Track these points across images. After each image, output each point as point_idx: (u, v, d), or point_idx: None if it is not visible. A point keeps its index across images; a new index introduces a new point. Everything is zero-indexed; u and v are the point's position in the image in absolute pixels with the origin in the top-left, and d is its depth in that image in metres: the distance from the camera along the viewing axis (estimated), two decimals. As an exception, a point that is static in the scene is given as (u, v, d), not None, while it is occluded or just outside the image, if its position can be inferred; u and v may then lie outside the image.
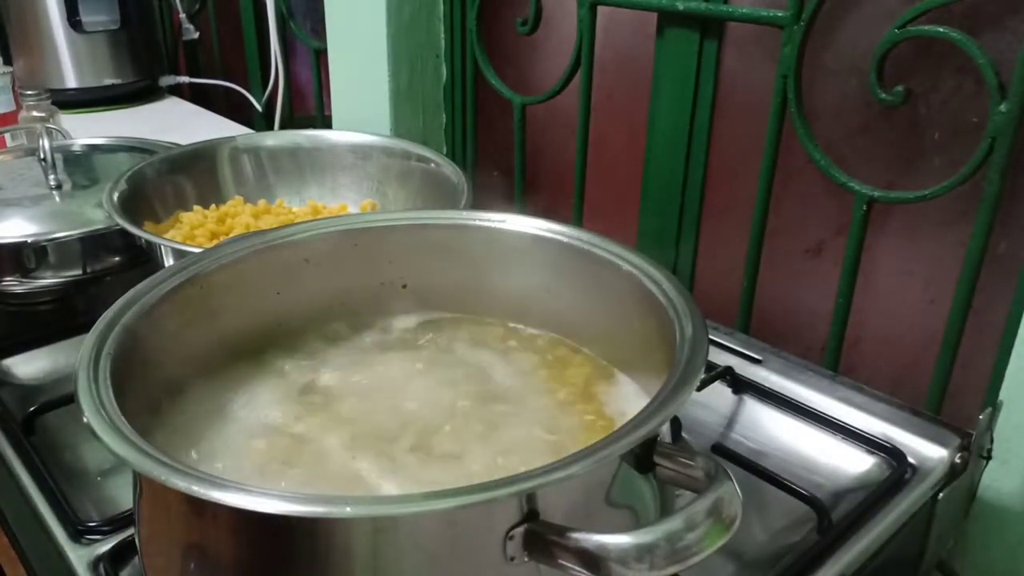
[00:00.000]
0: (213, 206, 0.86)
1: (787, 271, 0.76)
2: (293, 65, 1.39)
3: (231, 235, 0.74)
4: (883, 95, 0.63)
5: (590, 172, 0.89)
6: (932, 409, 0.66)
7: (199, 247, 0.67)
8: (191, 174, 0.88)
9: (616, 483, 0.37)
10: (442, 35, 1.02)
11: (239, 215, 0.83)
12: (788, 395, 0.63)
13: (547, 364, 0.55)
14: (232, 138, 0.92)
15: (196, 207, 0.85)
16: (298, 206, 0.90)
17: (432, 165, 0.86)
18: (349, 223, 0.57)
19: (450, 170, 0.83)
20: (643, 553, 0.32)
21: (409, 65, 1.01)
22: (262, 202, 0.88)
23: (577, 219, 0.91)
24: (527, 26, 0.89)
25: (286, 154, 0.93)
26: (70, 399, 0.39)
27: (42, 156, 0.85)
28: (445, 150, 1.08)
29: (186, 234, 0.79)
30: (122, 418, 0.37)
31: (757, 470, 0.55)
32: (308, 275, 0.56)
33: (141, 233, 0.69)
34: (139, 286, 0.48)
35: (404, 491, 0.42)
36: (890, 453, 0.58)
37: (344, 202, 0.91)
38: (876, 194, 0.65)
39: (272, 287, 0.55)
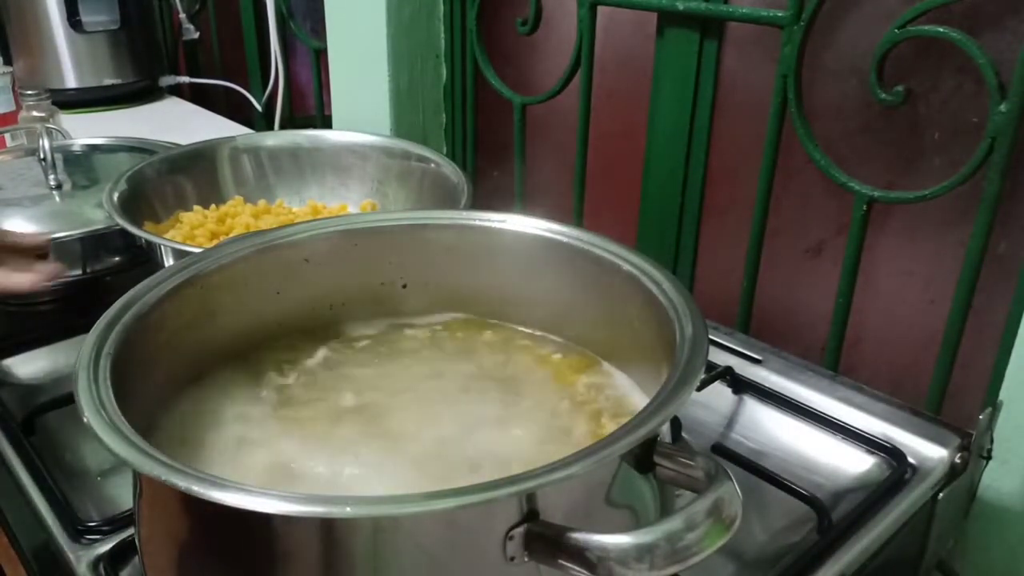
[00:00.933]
0: (213, 206, 0.86)
1: (787, 271, 0.76)
2: (293, 65, 1.39)
3: (231, 235, 0.74)
4: (883, 95, 0.63)
5: (590, 172, 0.89)
6: (932, 409, 0.66)
7: (199, 247, 0.67)
8: (191, 174, 0.88)
9: (616, 483, 0.37)
10: (442, 35, 1.02)
11: (239, 215, 0.83)
12: (788, 395, 0.63)
13: (547, 364, 0.55)
14: (232, 138, 0.92)
15: (196, 207, 0.85)
16: (298, 206, 0.90)
17: (432, 165, 0.86)
18: (349, 223, 0.57)
19: (450, 170, 0.83)
20: (643, 553, 0.32)
21: (409, 65, 1.01)
22: (262, 202, 0.88)
23: (577, 219, 0.91)
24: (527, 26, 0.89)
25: (286, 154, 0.93)
26: (70, 399, 0.39)
27: (42, 156, 0.85)
28: (445, 150, 1.08)
29: (186, 234, 0.79)
30: (122, 418, 0.37)
31: (757, 470, 0.55)
32: (308, 275, 0.56)
33: (141, 233, 0.69)
34: (139, 286, 0.48)
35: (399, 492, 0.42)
36: (890, 453, 0.58)
37: (344, 202, 0.91)
38: (876, 194, 0.65)
39: (272, 287, 0.55)
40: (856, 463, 0.58)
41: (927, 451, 0.58)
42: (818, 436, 0.60)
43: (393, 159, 0.91)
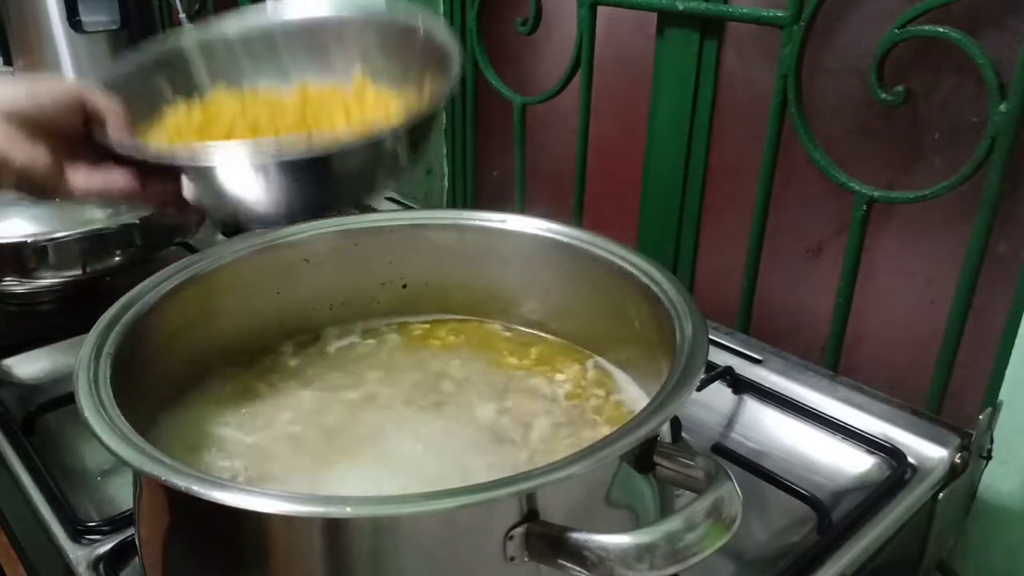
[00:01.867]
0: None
1: (787, 271, 0.76)
2: (293, 65, 1.39)
3: (222, 135, 0.60)
4: (883, 95, 0.63)
5: (590, 172, 0.89)
6: (932, 409, 0.66)
7: (189, 147, 0.57)
8: (166, 76, 0.70)
9: (616, 483, 0.37)
10: (442, 35, 1.01)
11: (224, 113, 0.65)
12: (788, 395, 0.63)
13: (547, 365, 0.55)
14: (198, 28, 0.79)
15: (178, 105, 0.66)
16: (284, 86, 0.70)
17: (420, 31, 0.74)
18: (348, 223, 0.57)
19: (442, 35, 0.70)
20: (643, 553, 0.32)
21: (409, 65, 1.01)
22: (247, 88, 0.71)
23: (577, 219, 0.91)
24: (527, 26, 0.89)
25: (259, 39, 0.81)
26: (70, 399, 0.39)
27: (42, 156, 0.85)
28: (445, 150, 1.08)
29: (171, 134, 0.62)
30: (122, 418, 0.37)
31: (757, 470, 0.55)
32: (308, 275, 0.56)
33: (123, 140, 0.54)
34: (139, 286, 0.48)
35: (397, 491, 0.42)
36: (890, 453, 0.58)
37: (332, 76, 0.71)
38: (876, 194, 0.65)
39: (272, 287, 0.55)
40: (856, 463, 0.58)
41: (927, 451, 0.58)
42: (818, 436, 0.60)
43: (378, 31, 0.79)
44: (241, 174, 0.50)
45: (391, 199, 1.05)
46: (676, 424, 0.59)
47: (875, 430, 0.60)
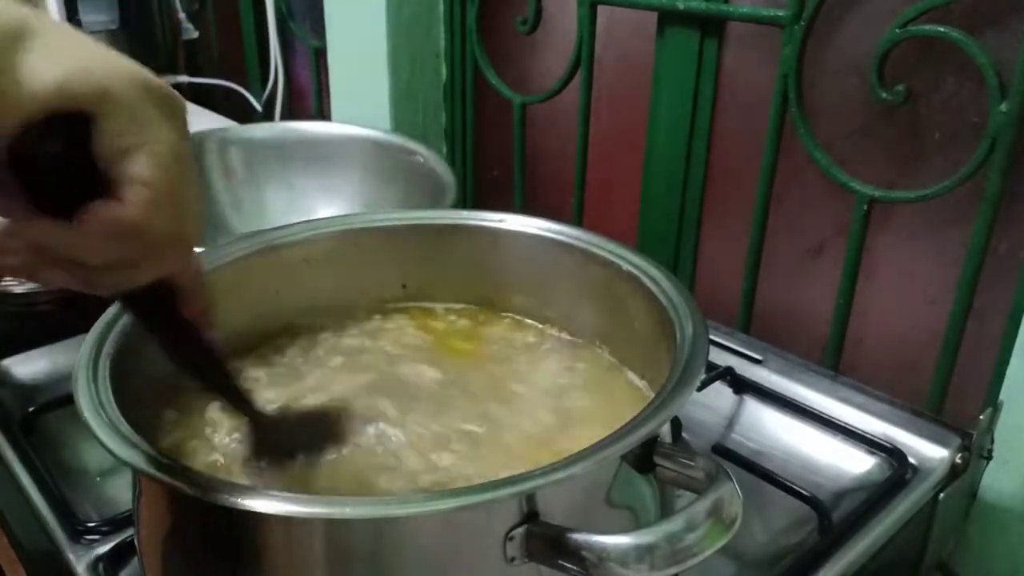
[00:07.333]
0: None
1: (787, 271, 0.76)
2: (293, 65, 1.39)
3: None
4: (884, 95, 0.63)
5: (590, 172, 0.89)
6: (932, 409, 0.66)
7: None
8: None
9: (616, 483, 0.37)
10: (442, 35, 1.02)
11: None
12: (788, 395, 0.63)
13: (545, 361, 0.55)
14: (222, 129, 0.92)
15: None
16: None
17: (419, 159, 0.85)
18: (349, 223, 0.57)
19: (437, 165, 0.82)
20: (643, 554, 0.32)
21: (409, 65, 1.01)
22: None
23: (577, 219, 0.91)
24: (527, 26, 0.89)
25: (272, 147, 0.92)
26: (70, 399, 0.39)
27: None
28: (445, 150, 1.08)
29: None
30: (122, 418, 0.37)
31: (757, 470, 0.55)
32: (308, 275, 0.56)
33: None
34: (139, 286, 0.48)
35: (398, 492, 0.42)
36: (890, 453, 0.58)
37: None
38: (876, 194, 0.65)
39: (272, 287, 0.55)
40: (857, 463, 0.58)
41: (928, 451, 0.58)
42: (819, 436, 0.60)
43: (380, 153, 0.90)
44: None
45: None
46: (676, 424, 0.59)
47: (875, 430, 0.60)
